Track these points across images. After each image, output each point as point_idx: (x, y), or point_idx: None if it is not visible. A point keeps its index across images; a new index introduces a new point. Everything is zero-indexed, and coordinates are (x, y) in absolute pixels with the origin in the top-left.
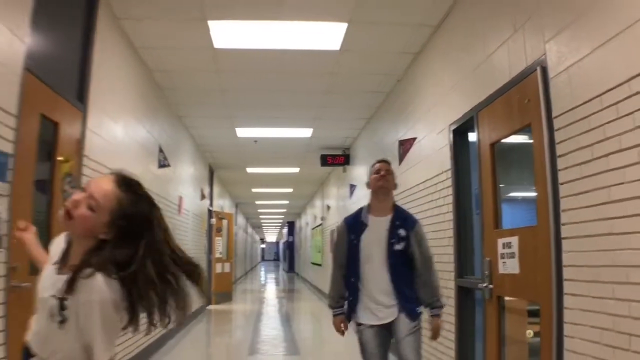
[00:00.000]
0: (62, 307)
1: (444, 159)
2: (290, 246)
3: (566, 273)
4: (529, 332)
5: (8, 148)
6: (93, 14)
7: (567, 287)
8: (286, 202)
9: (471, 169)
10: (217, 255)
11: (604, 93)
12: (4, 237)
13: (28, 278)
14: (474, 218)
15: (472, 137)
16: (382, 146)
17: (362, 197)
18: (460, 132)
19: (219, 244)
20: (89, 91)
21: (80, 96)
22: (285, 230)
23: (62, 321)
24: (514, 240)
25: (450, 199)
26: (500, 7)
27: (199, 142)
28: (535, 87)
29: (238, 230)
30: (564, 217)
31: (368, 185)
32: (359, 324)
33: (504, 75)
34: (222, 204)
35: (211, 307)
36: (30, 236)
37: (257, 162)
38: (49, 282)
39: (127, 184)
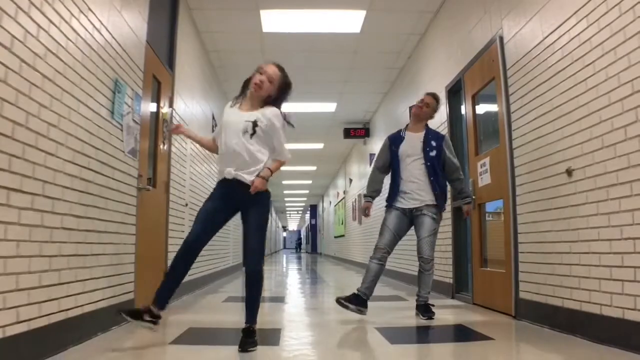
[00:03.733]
0: (255, 125)
1: (442, 114)
2: (313, 229)
3: (517, 171)
4: None
5: (140, 92)
6: (176, 4)
7: (518, 180)
8: (309, 182)
9: (462, 119)
10: None
11: (530, 50)
12: (137, 151)
13: (147, 184)
14: (465, 155)
15: (461, 94)
16: (397, 116)
17: None
18: (453, 91)
19: None
20: (175, 62)
21: (170, 64)
22: (307, 215)
23: (253, 134)
24: (487, 160)
25: None
26: None
27: None
28: (496, 51)
29: None
30: (514, 135)
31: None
32: (389, 207)
33: (479, 45)
34: None
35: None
36: (184, 128)
37: (287, 137)
38: (237, 117)
39: (283, 69)
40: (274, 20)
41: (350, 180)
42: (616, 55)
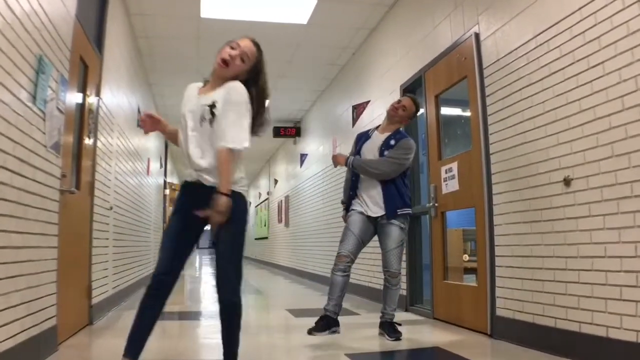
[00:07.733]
0: (213, 107)
1: None
2: None
3: (494, 178)
4: (465, 257)
5: (66, 75)
6: None
7: (495, 188)
8: None
9: (420, 120)
10: None
11: (517, 48)
12: (61, 146)
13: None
14: (420, 158)
15: (419, 93)
16: (334, 116)
17: (312, 164)
18: (409, 90)
19: None
20: (104, 44)
21: (99, 46)
22: None
23: (212, 121)
24: (454, 165)
25: None
26: None
27: (162, 112)
28: (471, 48)
29: None
30: (491, 139)
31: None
32: (350, 210)
33: (446, 41)
34: (172, 181)
35: None
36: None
37: None
38: (195, 101)
39: (260, 47)
40: (214, 5)
41: (276, 181)
42: (633, 56)
